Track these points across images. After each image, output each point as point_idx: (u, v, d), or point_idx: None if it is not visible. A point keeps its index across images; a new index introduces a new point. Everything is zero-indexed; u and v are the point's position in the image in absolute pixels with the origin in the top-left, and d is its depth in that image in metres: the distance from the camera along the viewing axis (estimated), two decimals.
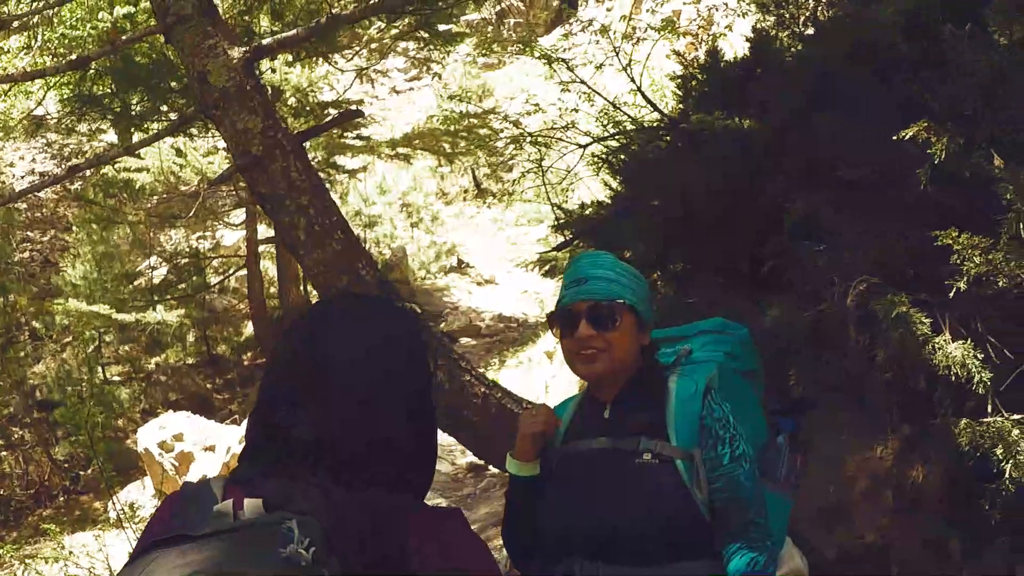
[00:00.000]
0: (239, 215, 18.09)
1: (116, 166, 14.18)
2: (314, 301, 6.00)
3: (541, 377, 13.81)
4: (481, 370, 15.00)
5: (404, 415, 1.80)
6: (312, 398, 1.73)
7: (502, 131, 14.89)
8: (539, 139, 10.37)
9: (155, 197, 16.60)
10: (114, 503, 12.97)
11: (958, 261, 3.68)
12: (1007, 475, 3.65)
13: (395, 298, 5.84)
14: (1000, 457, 3.63)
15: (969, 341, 3.72)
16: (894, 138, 3.97)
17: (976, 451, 3.68)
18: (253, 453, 1.76)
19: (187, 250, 18.56)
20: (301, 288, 17.34)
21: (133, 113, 11.91)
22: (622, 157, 7.58)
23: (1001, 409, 3.80)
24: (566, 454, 3.00)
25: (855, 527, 4.67)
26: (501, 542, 3.22)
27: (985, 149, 3.77)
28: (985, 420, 3.70)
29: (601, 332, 2.83)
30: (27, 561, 11.33)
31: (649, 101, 7.90)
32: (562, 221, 8.27)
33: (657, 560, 2.78)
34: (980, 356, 3.70)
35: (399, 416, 1.78)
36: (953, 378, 3.68)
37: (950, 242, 3.66)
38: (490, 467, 10.07)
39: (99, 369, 16.94)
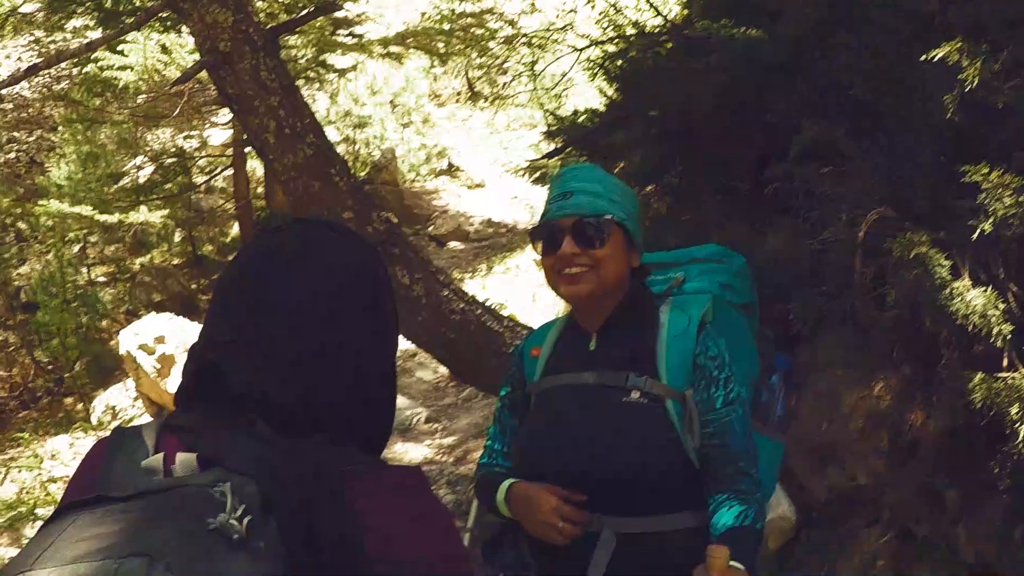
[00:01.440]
0: (226, 114, 17.80)
1: (99, 64, 13.87)
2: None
3: (529, 285, 13.60)
4: (468, 275, 15.04)
5: (352, 374, 1.56)
6: (248, 344, 1.50)
7: (498, 31, 14.52)
8: (534, 40, 10.11)
9: (140, 96, 16.29)
10: (93, 408, 12.92)
11: (985, 200, 3.37)
12: (1021, 437, 3.39)
13: (370, 206, 5.53)
14: (1015, 417, 3.36)
15: (990, 289, 3.43)
16: (922, 59, 3.62)
17: (990, 408, 3.42)
18: (189, 395, 1.54)
19: (173, 149, 18.27)
20: None
21: (107, 7, 11.55)
22: (620, 63, 7.27)
23: (1018, 364, 3.53)
24: (546, 389, 2.81)
25: (847, 468, 4.49)
26: (479, 454, 3.05)
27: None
28: (1001, 375, 3.42)
29: (587, 249, 2.63)
30: (9, 466, 11.33)
31: (652, 4, 7.54)
32: (554, 128, 8.05)
33: (640, 509, 2.61)
34: (1001, 306, 3.40)
35: (345, 375, 1.54)
36: (970, 328, 3.40)
37: (979, 179, 3.35)
38: None
39: (83, 270, 16.80)
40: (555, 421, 2.74)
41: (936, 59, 3.59)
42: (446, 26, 16.26)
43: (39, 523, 8.70)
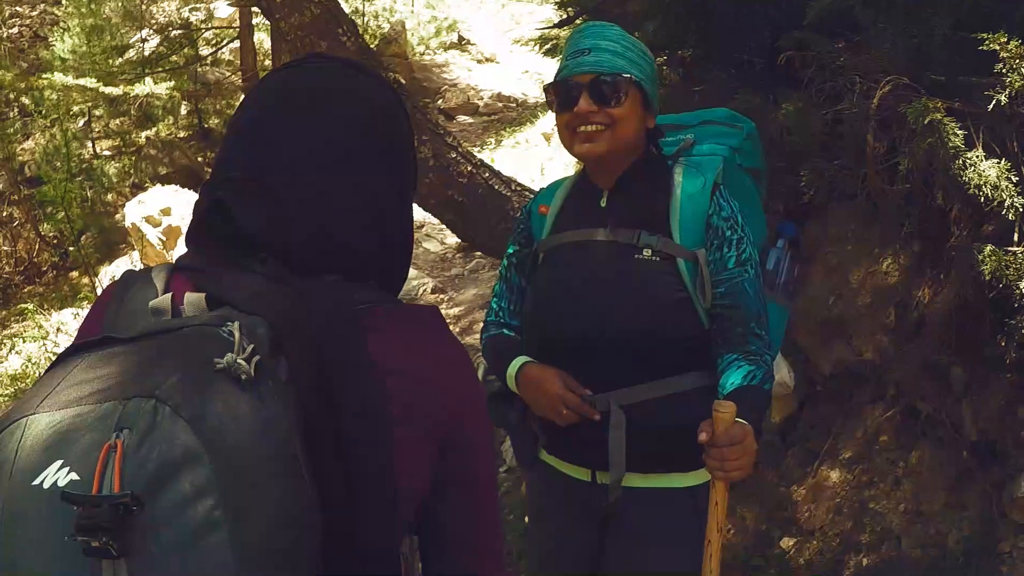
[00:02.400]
0: None
1: None
2: None
3: (537, 159, 13.53)
4: (477, 149, 14.98)
5: (368, 215, 1.51)
6: (258, 182, 1.45)
7: None
8: None
9: None
10: (99, 281, 12.96)
11: (1003, 70, 3.28)
12: None
13: (378, 68, 5.45)
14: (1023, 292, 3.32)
15: (1004, 161, 3.36)
16: None
17: (999, 282, 3.38)
18: (199, 234, 1.50)
19: (179, 22, 18.06)
20: None
21: None
22: None
23: None
24: (555, 246, 2.80)
25: (854, 343, 4.47)
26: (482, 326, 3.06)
27: None
28: (1012, 249, 3.38)
29: (603, 107, 2.58)
30: (13, 339, 11.41)
31: None
32: None
33: (650, 373, 2.62)
34: (1014, 179, 3.34)
35: (360, 216, 1.50)
36: (982, 199, 3.34)
37: (996, 48, 3.25)
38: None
39: (89, 144, 16.73)
40: (565, 279, 2.73)
41: None
42: None
43: None
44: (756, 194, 3.00)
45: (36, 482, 1.13)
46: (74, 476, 1.12)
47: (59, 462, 1.13)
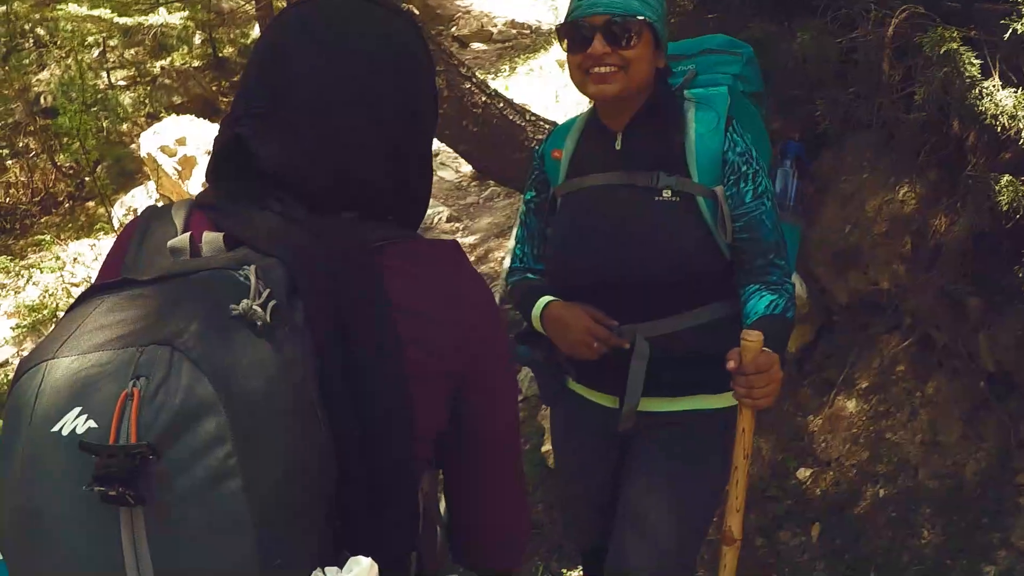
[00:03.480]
0: None
1: None
2: None
3: (552, 86, 13.41)
4: (491, 76, 14.87)
5: (387, 153, 1.51)
6: (276, 119, 1.45)
7: None
8: None
9: None
10: (112, 212, 12.96)
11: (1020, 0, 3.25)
12: None
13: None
14: None
15: (1020, 90, 3.33)
16: None
17: (1016, 213, 3.36)
18: (219, 169, 1.51)
19: None
20: None
21: None
22: None
23: None
24: (572, 191, 2.83)
25: (870, 272, 4.45)
26: (502, 254, 3.12)
27: None
28: None
29: (617, 49, 2.58)
30: (31, 270, 11.44)
31: None
32: None
33: (674, 308, 2.69)
34: None
35: (379, 154, 1.50)
36: (999, 128, 3.32)
37: None
38: None
39: (103, 74, 16.63)
40: (585, 224, 2.77)
41: None
42: None
43: None
44: (759, 120, 3.02)
45: (55, 428, 1.15)
46: (92, 424, 1.14)
47: (77, 409, 1.15)
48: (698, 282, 2.69)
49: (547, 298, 2.83)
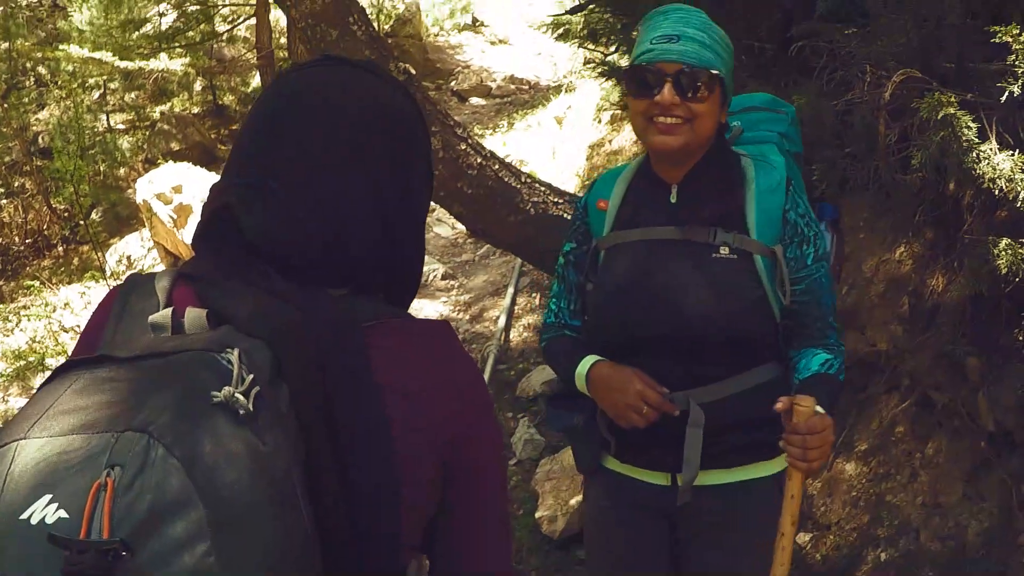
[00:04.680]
0: None
1: None
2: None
3: (549, 142, 13.51)
4: (489, 131, 14.93)
5: (378, 225, 1.47)
6: (264, 188, 1.41)
7: None
8: None
9: None
10: (105, 259, 12.97)
11: (1015, 61, 3.26)
12: None
13: (388, 57, 5.43)
14: None
15: (1017, 152, 3.34)
16: None
17: (1015, 275, 3.36)
18: (205, 239, 1.46)
19: None
20: None
21: None
22: None
23: None
24: (620, 244, 2.70)
25: (868, 333, 4.45)
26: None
27: None
28: None
29: (685, 101, 2.47)
30: (20, 314, 11.39)
31: None
32: None
33: (725, 365, 2.59)
34: None
35: (370, 227, 1.46)
36: (997, 192, 3.33)
37: (1009, 39, 3.22)
38: None
39: (103, 117, 16.71)
40: (635, 279, 2.64)
41: None
42: None
43: (48, 374, 8.84)
44: (802, 181, 2.92)
45: (24, 516, 1.09)
46: (63, 514, 1.09)
47: (48, 496, 1.09)
48: (750, 344, 2.61)
49: (594, 357, 2.68)
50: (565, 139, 13.02)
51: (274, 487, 1.16)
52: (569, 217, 5.61)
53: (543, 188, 5.74)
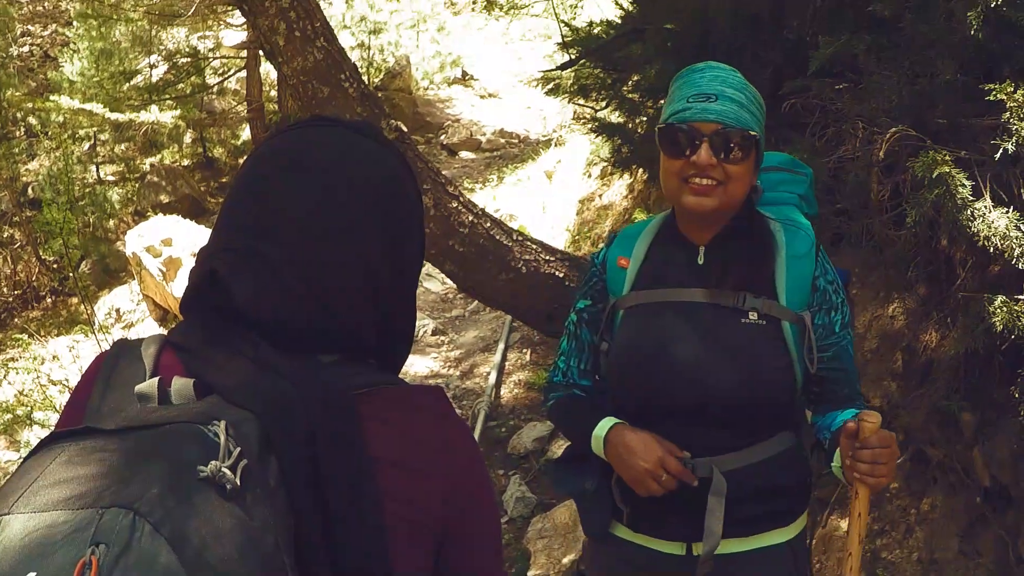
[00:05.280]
0: (241, 16, 17.61)
1: None
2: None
3: (539, 196, 13.55)
4: (479, 186, 14.97)
5: (369, 294, 1.44)
6: (252, 254, 1.38)
7: None
8: None
9: None
10: (94, 312, 12.93)
11: (1008, 119, 3.27)
12: None
13: (380, 114, 5.44)
14: None
15: (1012, 209, 3.35)
16: None
17: (1011, 332, 3.36)
18: (193, 304, 1.44)
19: (187, 49, 18.13)
20: None
21: None
22: None
23: None
24: (642, 304, 2.63)
25: (862, 389, 4.44)
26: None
27: None
28: (1021, 297, 3.36)
29: (722, 163, 2.41)
30: (8, 367, 11.34)
31: None
32: (569, 39, 7.89)
33: (748, 433, 2.54)
34: (1023, 227, 3.33)
35: (360, 295, 1.43)
36: (992, 250, 3.33)
37: (1003, 97, 3.24)
38: None
39: (93, 168, 16.77)
40: (658, 341, 2.56)
41: None
42: None
43: (36, 427, 8.69)
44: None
45: None
46: None
47: (33, 574, 1.06)
48: (773, 412, 2.56)
49: (612, 420, 2.57)
50: (555, 194, 13.07)
51: (264, 563, 1.14)
52: (560, 275, 5.66)
53: (534, 246, 5.75)
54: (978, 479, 3.97)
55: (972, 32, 3.41)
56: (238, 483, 1.14)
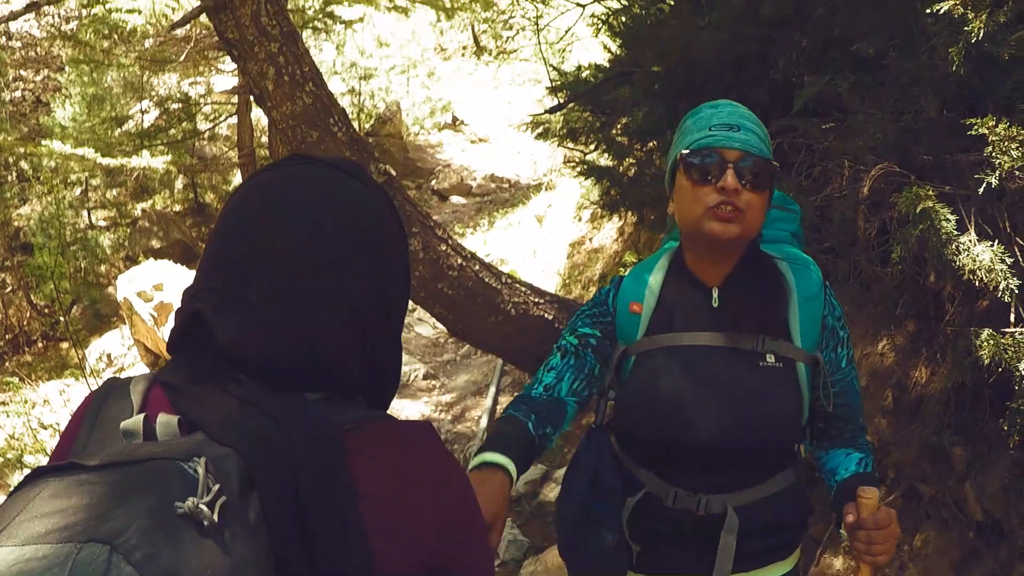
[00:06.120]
0: (232, 62, 17.69)
1: (107, 6, 13.76)
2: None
3: (529, 241, 13.58)
4: (470, 230, 14.99)
5: (353, 332, 1.43)
6: (235, 294, 1.38)
7: None
8: None
9: (147, 40, 16.18)
10: (85, 356, 12.91)
11: (991, 153, 3.30)
12: None
13: (369, 158, 5.46)
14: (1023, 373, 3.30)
15: (996, 243, 3.37)
16: (928, 11, 3.55)
17: (998, 365, 3.37)
18: (180, 344, 1.44)
19: (178, 95, 18.18)
20: None
21: None
22: (623, 19, 7.19)
23: None
24: (659, 349, 2.58)
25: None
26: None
27: None
28: (1009, 331, 3.37)
29: (745, 190, 2.40)
30: None
31: None
32: (557, 83, 7.94)
33: (760, 471, 2.55)
34: (1008, 260, 3.34)
35: (345, 334, 1.42)
36: (978, 283, 3.35)
37: (985, 131, 3.26)
38: None
39: (84, 213, 16.79)
40: (681, 386, 2.53)
41: (941, 12, 3.51)
42: None
43: (26, 471, 8.71)
44: None
45: None
46: None
47: None
48: (785, 449, 2.58)
49: (483, 459, 2.41)
50: (545, 238, 13.10)
51: None
52: (550, 317, 5.65)
53: (523, 288, 5.75)
54: (970, 514, 3.97)
55: (954, 68, 3.45)
56: (215, 519, 1.14)
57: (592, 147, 7.82)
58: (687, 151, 2.47)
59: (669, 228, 2.88)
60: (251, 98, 16.54)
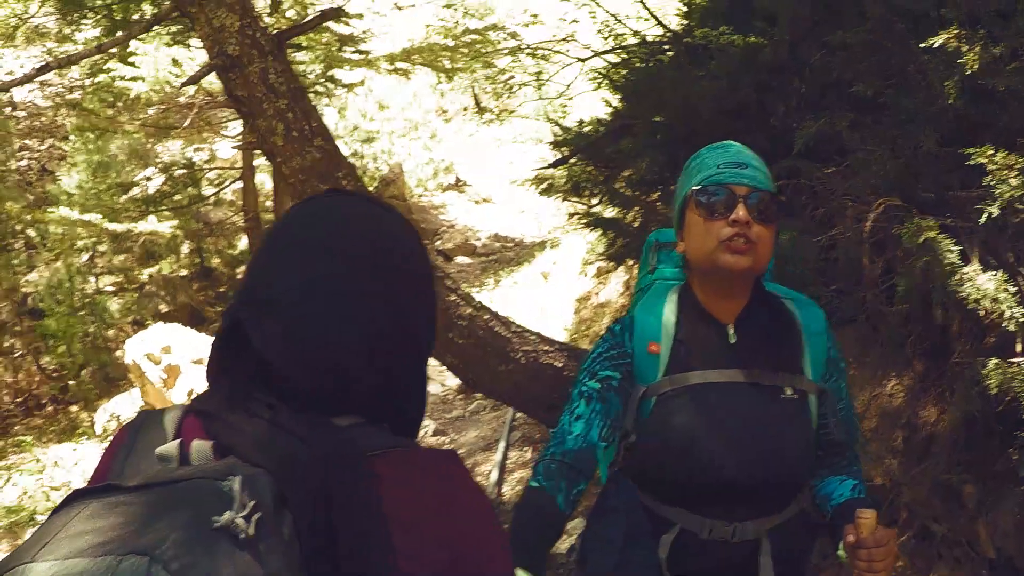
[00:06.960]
0: (236, 127, 17.85)
1: (111, 74, 13.90)
2: None
3: (536, 298, 13.58)
4: (476, 289, 15.02)
5: (381, 354, 1.47)
6: (272, 312, 1.43)
7: (500, 43, 14.54)
8: (538, 51, 10.20)
9: (151, 107, 16.31)
10: (94, 420, 12.91)
11: (991, 183, 3.34)
12: None
13: None
14: None
15: (1000, 272, 3.40)
16: (922, 45, 3.61)
17: (1005, 394, 3.38)
18: (217, 371, 1.48)
19: (183, 161, 18.29)
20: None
21: (115, 11, 11.61)
22: (623, 73, 7.27)
23: None
24: (681, 387, 2.59)
25: (864, 468, 4.45)
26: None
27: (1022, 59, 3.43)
28: (1015, 360, 3.40)
29: (755, 223, 2.47)
30: (10, 471, 11.34)
31: (652, 14, 7.53)
32: (559, 138, 8.00)
33: (778, 502, 2.60)
34: (1012, 289, 3.37)
35: (372, 354, 1.46)
36: (982, 312, 3.37)
37: (984, 161, 3.31)
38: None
39: (92, 279, 16.82)
40: (706, 424, 2.55)
41: (936, 46, 3.56)
42: (449, 41, 16.25)
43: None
44: None
45: None
46: None
47: None
48: (802, 480, 2.64)
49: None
50: (551, 294, 13.12)
51: None
52: (559, 365, 5.67)
53: (533, 337, 5.79)
54: (983, 552, 3.96)
55: (951, 101, 3.50)
56: (251, 532, 1.17)
57: (596, 200, 7.88)
58: (698, 187, 2.54)
59: (653, 268, 2.92)
60: (255, 163, 16.72)
